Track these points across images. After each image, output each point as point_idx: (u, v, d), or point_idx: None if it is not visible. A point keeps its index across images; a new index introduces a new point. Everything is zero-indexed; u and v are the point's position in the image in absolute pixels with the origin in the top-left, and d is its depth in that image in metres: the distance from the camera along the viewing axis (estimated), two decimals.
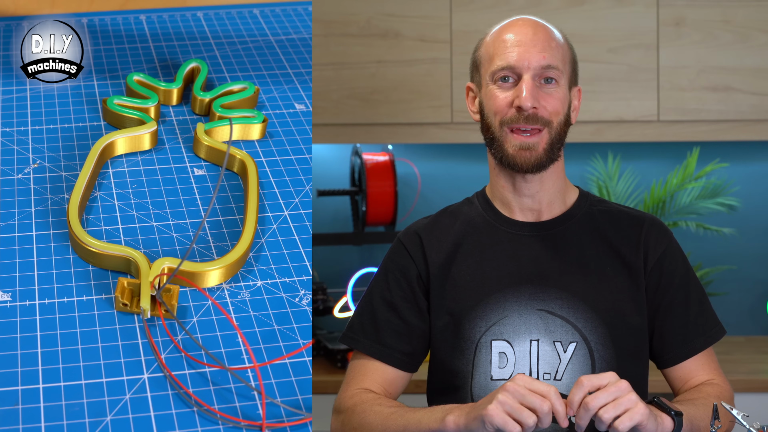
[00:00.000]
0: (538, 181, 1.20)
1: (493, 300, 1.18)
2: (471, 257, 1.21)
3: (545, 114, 1.17)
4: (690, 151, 2.18)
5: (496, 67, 1.18)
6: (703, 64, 2.07)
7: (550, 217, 1.22)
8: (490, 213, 1.23)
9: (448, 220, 1.25)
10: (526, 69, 1.16)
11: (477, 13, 2.07)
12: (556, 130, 1.18)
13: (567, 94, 1.20)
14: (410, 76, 2.11)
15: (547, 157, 1.18)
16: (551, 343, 1.16)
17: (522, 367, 1.16)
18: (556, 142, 1.18)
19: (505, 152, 1.18)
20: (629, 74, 2.08)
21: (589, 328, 1.16)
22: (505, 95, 1.18)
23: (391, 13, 2.11)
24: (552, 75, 1.17)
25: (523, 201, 1.21)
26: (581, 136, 2.07)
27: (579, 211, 1.23)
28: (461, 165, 2.27)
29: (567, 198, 1.23)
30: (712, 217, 2.22)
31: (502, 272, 1.19)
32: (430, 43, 2.10)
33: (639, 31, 2.08)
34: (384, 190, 2.15)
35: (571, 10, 2.07)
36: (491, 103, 1.19)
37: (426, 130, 2.11)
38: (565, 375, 1.16)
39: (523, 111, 1.16)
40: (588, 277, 1.18)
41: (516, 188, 1.21)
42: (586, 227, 1.22)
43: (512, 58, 1.17)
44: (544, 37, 1.18)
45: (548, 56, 1.17)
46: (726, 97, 2.07)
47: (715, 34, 2.07)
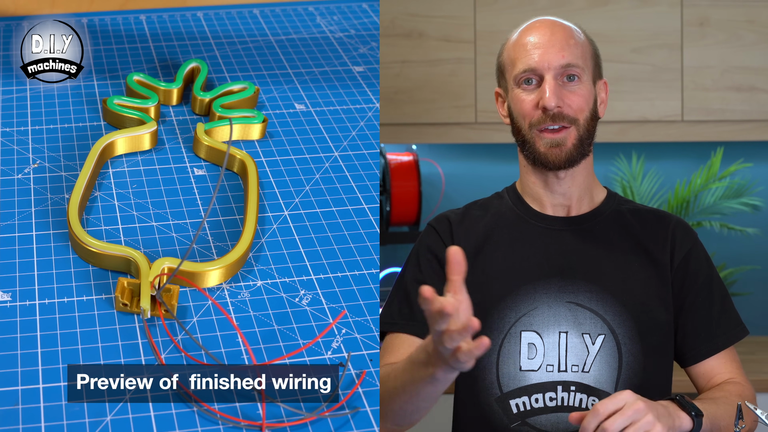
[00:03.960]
0: (570, 177, 1.23)
1: (522, 291, 1.19)
2: (500, 249, 1.23)
3: (570, 112, 1.20)
4: (714, 151, 2.18)
5: (518, 70, 1.21)
6: (727, 64, 2.07)
7: (579, 213, 1.24)
8: (521, 207, 1.25)
9: (478, 212, 1.27)
10: (546, 69, 1.19)
11: (501, 13, 2.08)
12: (584, 127, 1.21)
13: (591, 89, 1.22)
14: (434, 76, 2.11)
15: (577, 152, 1.21)
16: (580, 335, 1.18)
17: (551, 359, 1.18)
18: (586, 137, 1.21)
19: (537, 152, 1.21)
20: (653, 74, 2.09)
21: (618, 321, 1.18)
22: (530, 98, 1.20)
23: (415, 13, 2.12)
24: (574, 72, 1.20)
25: (554, 197, 1.24)
26: (605, 136, 2.08)
27: (607, 209, 1.25)
28: (485, 165, 2.28)
29: (595, 195, 1.26)
30: (736, 217, 2.22)
31: (532, 264, 1.20)
32: (455, 43, 2.10)
33: (663, 31, 2.08)
34: (408, 190, 2.15)
35: (595, 11, 2.08)
36: (518, 106, 1.22)
37: (450, 130, 2.12)
38: (593, 367, 1.17)
39: (548, 111, 1.19)
40: (616, 271, 1.20)
41: (548, 185, 1.24)
42: (615, 224, 1.24)
43: (533, 61, 1.20)
44: (562, 36, 1.21)
45: (567, 54, 1.19)
46: (750, 97, 2.07)
47: (739, 34, 2.07)
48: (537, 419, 1.17)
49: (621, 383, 1.17)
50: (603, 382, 1.17)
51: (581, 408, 1.17)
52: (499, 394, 1.18)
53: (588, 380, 1.17)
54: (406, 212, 2.17)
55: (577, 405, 1.17)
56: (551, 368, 1.18)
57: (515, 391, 1.18)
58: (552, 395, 1.17)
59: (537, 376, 1.18)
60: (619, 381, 1.17)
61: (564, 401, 1.17)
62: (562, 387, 1.17)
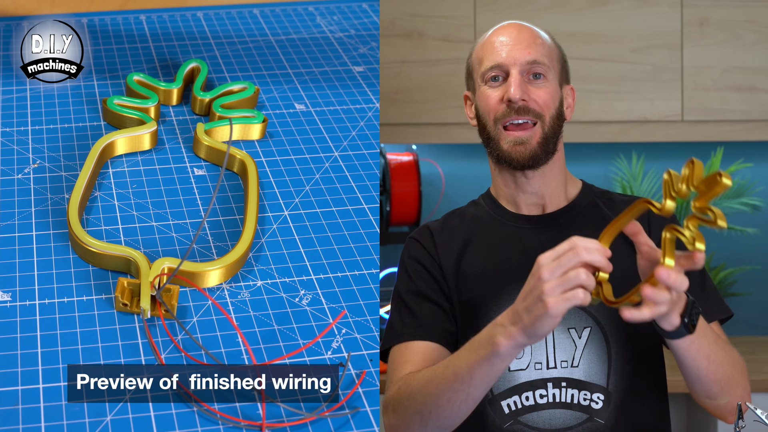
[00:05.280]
0: (540, 176, 1.23)
1: (506, 292, 1.19)
2: (481, 252, 1.23)
3: (535, 106, 1.20)
4: (714, 151, 2.18)
5: (485, 67, 1.23)
6: (727, 64, 2.08)
7: (555, 209, 1.24)
8: (497, 210, 1.26)
9: (456, 221, 1.28)
10: (513, 65, 1.21)
11: (501, 13, 2.08)
12: (549, 124, 1.21)
13: (557, 89, 1.23)
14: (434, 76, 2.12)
15: (542, 151, 1.21)
16: (565, 330, 1.18)
17: (538, 356, 1.18)
18: (551, 136, 1.22)
19: (501, 149, 1.22)
20: (653, 74, 2.09)
21: (603, 311, 1.18)
22: (496, 93, 1.22)
23: (415, 14, 2.12)
24: (539, 70, 1.21)
25: (527, 196, 1.24)
26: (605, 136, 2.08)
27: (583, 201, 1.25)
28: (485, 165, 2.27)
29: (570, 191, 1.26)
30: (736, 217, 2.22)
31: (513, 265, 1.20)
32: (455, 43, 2.10)
33: (663, 31, 2.09)
34: (408, 190, 2.16)
35: (595, 11, 2.08)
36: (484, 102, 1.23)
37: (450, 130, 2.12)
38: (582, 361, 1.17)
39: (513, 104, 1.20)
40: None
41: (519, 185, 1.24)
42: (591, 215, 1.24)
43: (500, 57, 1.22)
44: (528, 35, 1.23)
45: (533, 52, 1.21)
46: (750, 97, 2.07)
47: (739, 34, 2.07)
48: (529, 417, 1.17)
49: (612, 374, 1.17)
50: (593, 375, 1.17)
51: (573, 403, 1.17)
52: (490, 396, 1.18)
53: (578, 375, 1.17)
54: (406, 212, 2.17)
55: (568, 401, 1.17)
56: (539, 366, 1.18)
57: (505, 392, 1.18)
58: (542, 392, 1.17)
59: (526, 374, 1.18)
60: (611, 372, 1.17)
61: (556, 397, 1.17)
62: (552, 384, 1.17)
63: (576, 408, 1.17)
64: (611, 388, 1.17)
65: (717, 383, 1.10)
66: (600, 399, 1.17)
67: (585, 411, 1.17)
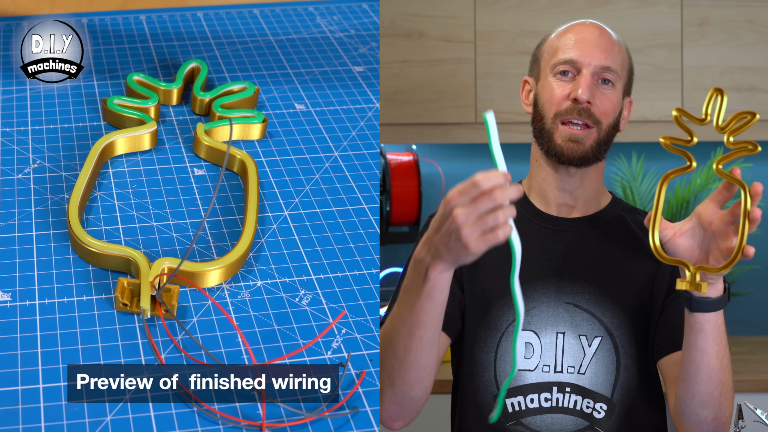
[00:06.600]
0: (580, 177, 1.22)
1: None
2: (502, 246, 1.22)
3: (597, 112, 1.20)
4: (714, 151, 2.18)
5: (558, 59, 1.21)
6: (727, 64, 2.07)
7: (583, 215, 1.24)
8: (524, 205, 1.25)
9: None
10: (586, 65, 1.20)
11: (501, 13, 2.08)
12: (605, 132, 1.21)
13: (620, 99, 1.23)
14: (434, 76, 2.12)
15: (593, 154, 1.20)
16: (576, 336, 1.18)
17: (547, 359, 1.18)
18: (604, 143, 1.21)
19: (553, 143, 1.20)
20: (653, 74, 2.09)
21: (616, 323, 1.18)
22: (563, 88, 1.20)
23: (415, 13, 2.12)
24: (610, 77, 1.21)
25: (562, 195, 1.23)
26: None
27: (611, 213, 1.25)
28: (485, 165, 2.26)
29: (601, 200, 1.26)
30: None
31: (532, 264, 1.20)
32: (455, 43, 2.10)
33: (663, 31, 2.09)
34: (408, 190, 2.16)
35: (595, 11, 2.08)
36: (548, 93, 1.21)
37: (450, 130, 2.12)
38: (589, 369, 1.17)
39: (578, 103, 1.19)
40: (616, 273, 1.20)
41: (557, 182, 1.23)
42: (616, 227, 1.24)
43: (575, 54, 1.20)
44: (607, 39, 1.23)
45: (609, 58, 1.21)
46: (750, 97, 2.07)
47: (739, 34, 2.07)
48: (532, 419, 1.17)
49: (619, 386, 1.17)
50: (599, 384, 1.17)
51: (575, 410, 1.17)
52: (496, 392, 1.18)
53: (583, 382, 1.17)
54: (406, 212, 2.17)
55: (571, 407, 1.17)
56: (547, 368, 1.18)
57: (511, 390, 1.18)
58: (547, 396, 1.18)
59: (533, 376, 1.18)
60: (617, 383, 1.17)
61: (559, 402, 1.17)
62: (557, 388, 1.17)
63: (578, 414, 1.17)
64: (616, 399, 1.17)
65: (719, 385, 1.10)
66: (603, 409, 1.17)
67: (587, 419, 1.17)
